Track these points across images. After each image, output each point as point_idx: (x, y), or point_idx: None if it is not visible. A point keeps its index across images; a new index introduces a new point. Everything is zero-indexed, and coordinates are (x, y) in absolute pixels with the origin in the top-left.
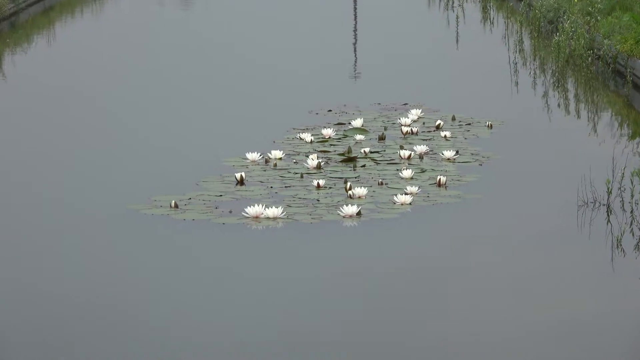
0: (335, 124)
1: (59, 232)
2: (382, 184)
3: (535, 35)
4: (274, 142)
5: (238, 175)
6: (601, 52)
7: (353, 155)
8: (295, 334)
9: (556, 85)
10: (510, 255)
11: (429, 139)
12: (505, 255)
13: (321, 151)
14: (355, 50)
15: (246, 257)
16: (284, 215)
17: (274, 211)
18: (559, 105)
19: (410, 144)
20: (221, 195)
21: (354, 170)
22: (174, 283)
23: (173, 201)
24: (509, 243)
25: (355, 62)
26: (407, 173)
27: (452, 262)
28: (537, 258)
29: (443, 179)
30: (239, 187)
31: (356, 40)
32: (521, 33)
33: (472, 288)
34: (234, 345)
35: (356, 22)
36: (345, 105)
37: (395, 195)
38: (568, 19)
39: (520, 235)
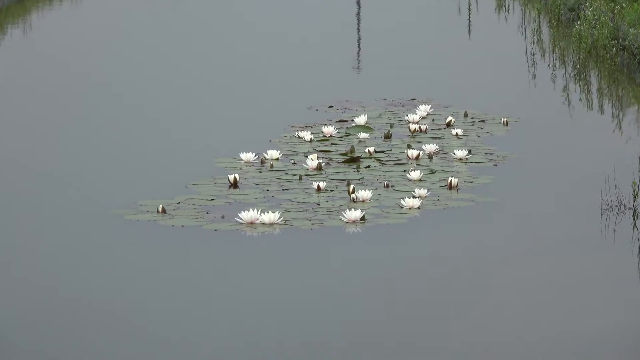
0: (336, 121)
1: (35, 239)
2: (388, 186)
3: (555, 24)
4: (270, 141)
5: (231, 178)
6: (626, 42)
7: (356, 155)
8: (292, 349)
9: (577, 78)
10: (528, 264)
11: (439, 137)
12: (523, 264)
13: (321, 151)
14: (358, 41)
15: (240, 266)
16: (282, 220)
17: (271, 216)
18: (580, 100)
19: (418, 142)
20: (213, 199)
21: (358, 171)
22: (161, 295)
23: (160, 206)
24: (527, 250)
25: (359, 53)
26: (415, 174)
27: (464, 272)
28: (558, 267)
29: (454, 180)
30: (232, 190)
31: (359, 30)
32: (539, 21)
33: (488, 300)
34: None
35: (359, 11)
36: (347, 100)
37: (403, 198)
38: (590, 6)
39: (539, 242)
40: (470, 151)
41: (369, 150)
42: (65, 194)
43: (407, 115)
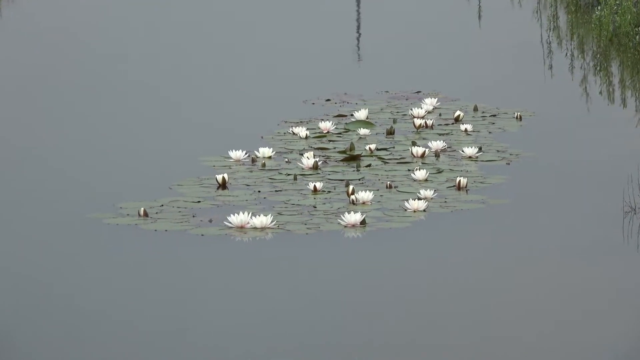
0: (334, 116)
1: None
2: (390, 187)
3: (573, 10)
4: (262, 137)
5: (219, 178)
6: None
7: (356, 153)
8: None
9: (597, 68)
10: (545, 272)
11: (447, 134)
12: (540, 272)
13: (318, 148)
14: (358, 29)
15: (229, 274)
16: (274, 224)
17: (262, 220)
18: (600, 92)
19: (424, 139)
20: (199, 202)
21: (358, 170)
22: (140, 306)
23: (142, 208)
24: (544, 257)
25: (359, 42)
26: (420, 174)
27: (475, 282)
28: (577, 275)
29: (463, 180)
30: (220, 191)
31: (359, 17)
32: (556, 7)
33: (503, 312)
34: None
35: None
36: (346, 93)
37: (407, 200)
38: None
39: (556, 247)
40: (480, 148)
41: (369, 148)
42: (36, 196)
43: (411, 110)
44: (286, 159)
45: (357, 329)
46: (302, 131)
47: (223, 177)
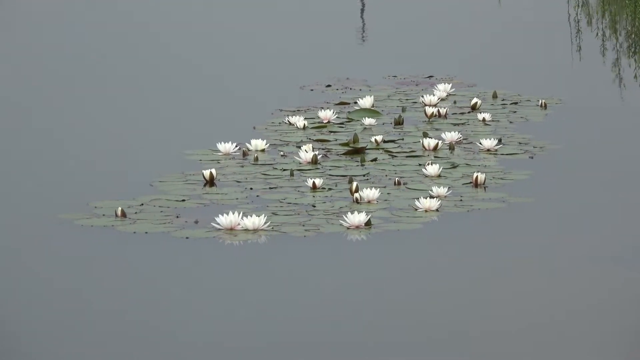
0: (336, 104)
1: None
2: (399, 183)
3: None
4: (255, 128)
5: (206, 173)
6: None
7: (360, 145)
8: None
9: (632, 50)
10: (575, 280)
11: (462, 124)
12: (568, 280)
13: (317, 140)
14: (362, 8)
15: (216, 282)
16: (268, 226)
17: (255, 221)
18: (635, 77)
19: (436, 130)
20: (184, 200)
21: (362, 165)
22: (115, 321)
23: (120, 208)
24: (571, 263)
25: (363, 21)
26: (432, 169)
27: (495, 292)
28: (612, 285)
29: (481, 176)
30: (207, 188)
31: None
32: None
33: (531, 331)
34: None
35: None
36: (348, 78)
37: (417, 199)
38: None
39: (584, 251)
40: (500, 140)
41: (375, 140)
42: (2, 193)
43: (422, 97)
44: (281, 152)
45: (359, 346)
46: (299, 121)
47: (210, 173)
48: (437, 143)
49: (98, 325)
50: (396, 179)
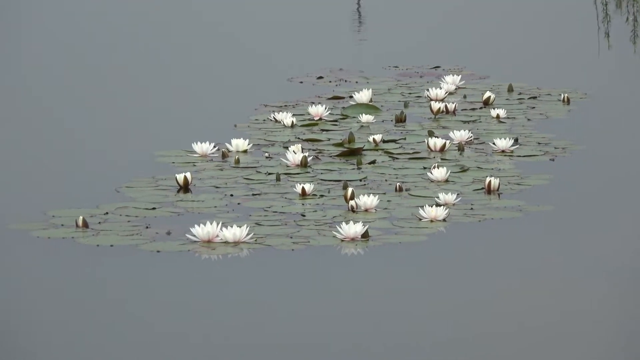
0: (328, 99)
1: None
2: (401, 189)
3: None
4: (235, 126)
5: (180, 178)
6: None
7: (356, 146)
8: None
9: None
10: (602, 297)
11: (473, 121)
12: (595, 298)
13: (307, 140)
14: None
15: (192, 303)
16: (251, 238)
17: (236, 232)
18: None
19: (444, 128)
20: (154, 209)
21: (358, 168)
22: (72, 344)
23: (81, 217)
24: (599, 279)
25: (359, 6)
26: (439, 173)
27: (512, 315)
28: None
29: (495, 181)
30: (181, 195)
31: None
32: None
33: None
34: None
35: None
36: (342, 69)
37: (422, 207)
38: None
39: (612, 265)
40: (516, 140)
41: (374, 139)
42: None
43: (427, 90)
44: (266, 154)
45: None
46: (286, 118)
47: (185, 177)
48: (445, 143)
49: (52, 347)
50: (397, 184)
